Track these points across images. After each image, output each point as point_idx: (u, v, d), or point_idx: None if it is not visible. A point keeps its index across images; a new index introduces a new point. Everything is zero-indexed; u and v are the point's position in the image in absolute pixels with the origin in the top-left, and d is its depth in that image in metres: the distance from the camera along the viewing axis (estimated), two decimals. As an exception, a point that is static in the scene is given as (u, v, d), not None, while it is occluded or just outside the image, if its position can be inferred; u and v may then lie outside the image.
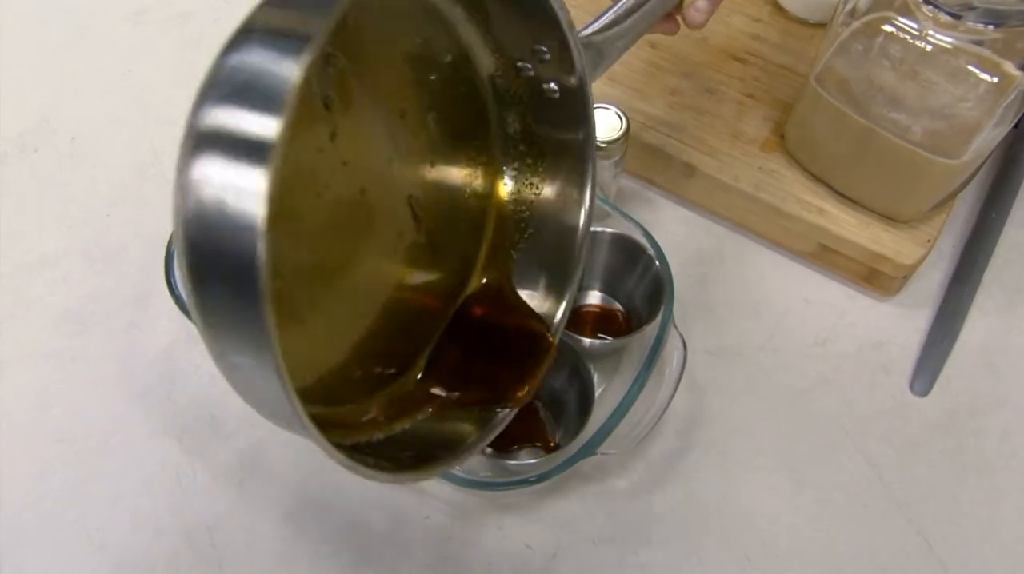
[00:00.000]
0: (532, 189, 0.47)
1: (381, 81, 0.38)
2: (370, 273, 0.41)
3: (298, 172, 0.34)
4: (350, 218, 0.39)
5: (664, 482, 0.53)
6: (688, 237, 0.63)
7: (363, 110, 0.37)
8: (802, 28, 0.68)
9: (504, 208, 0.47)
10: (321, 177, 0.36)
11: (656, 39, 0.67)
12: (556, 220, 0.46)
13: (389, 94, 0.39)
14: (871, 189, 0.57)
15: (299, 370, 0.28)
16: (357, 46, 0.36)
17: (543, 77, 0.42)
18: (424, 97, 0.41)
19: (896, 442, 0.54)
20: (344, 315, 0.40)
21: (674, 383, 0.51)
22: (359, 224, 0.39)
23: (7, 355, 0.57)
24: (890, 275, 0.58)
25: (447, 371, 0.43)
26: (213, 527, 0.51)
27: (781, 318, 0.60)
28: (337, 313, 0.39)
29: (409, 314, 0.44)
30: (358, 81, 0.36)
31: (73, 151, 0.68)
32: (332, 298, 0.39)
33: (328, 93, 0.35)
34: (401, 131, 0.40)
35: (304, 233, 0.36)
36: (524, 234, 0.47)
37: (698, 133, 0.62)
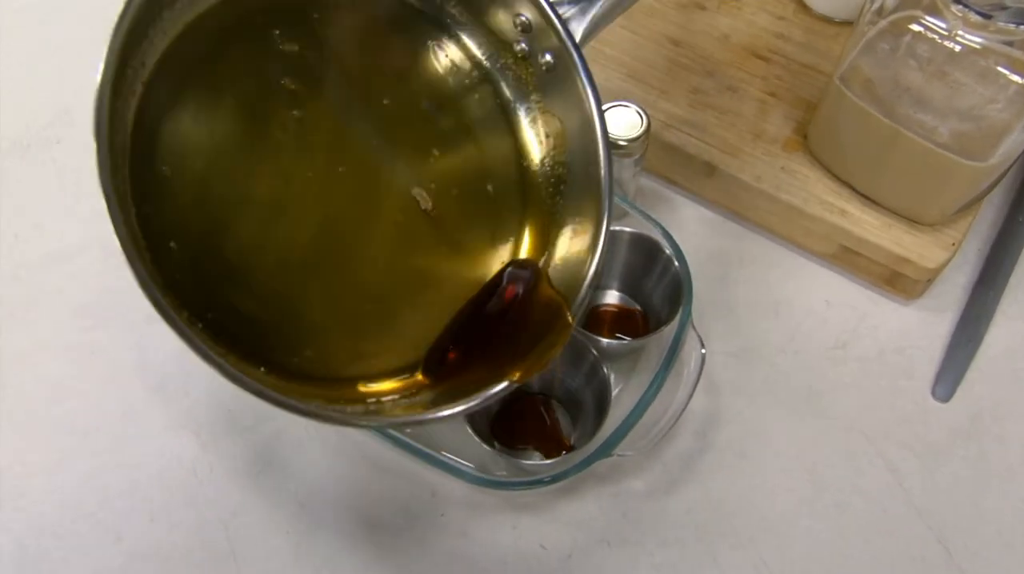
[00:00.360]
0: (557, 166, 0.46)
1: (358, 72, 0.41)
2: (378, 258, 0.42)
3: (252, 140, 0.39)
4: (336, 200, 0.41)
5: (680, 483, 0.53)
6: (708, 237, 0.63)
7: (337, 98, 0.40)
8: (827, 26, 0.67)
9: (534, 186, 0.46)
10: (284, 150, 0.39)
11: (680, 37, 0.66)
12: (582, 188, 0.45)
13: (372, 85, 0.42)
14: (895, 191, 0.56)
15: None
16: (326, 40, 0.40)
17: (536, 50, 0.43)
18: (416, 87, 0.43)
19: (917, 447, 0.54)
20: (355, 297, 0.41)
21: (692, 385, 0.50)
22: (348, 208, 0.41)
23: (25, 347, 0.57)
24: (913, 278, 0.57)
25: (463, 344, 0.43)
26: (228, 520, 0.51)
27: (801, 320, 0.59)
28: (344, 294, 0.41)
29: (430, 296, 0.44)
30: (328, 70, 0.40)
31: (93, 143, 0.68)
32: (330, 282, 0.40)
33: (284, 79, 0.39)
34: (391, 120, 0.42)
35: (269, 203, 0.39)
36: (555, 201, 0.46)
37: (719, 132, 0.61)
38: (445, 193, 0.44)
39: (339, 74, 0.41)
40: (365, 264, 0.42)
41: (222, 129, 0.38)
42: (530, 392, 0.54)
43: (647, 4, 0.68)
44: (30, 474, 0.53)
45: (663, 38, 0.66)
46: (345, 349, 0.41)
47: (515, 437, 0.53)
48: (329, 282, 0.41)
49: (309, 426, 0.54)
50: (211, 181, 0.38)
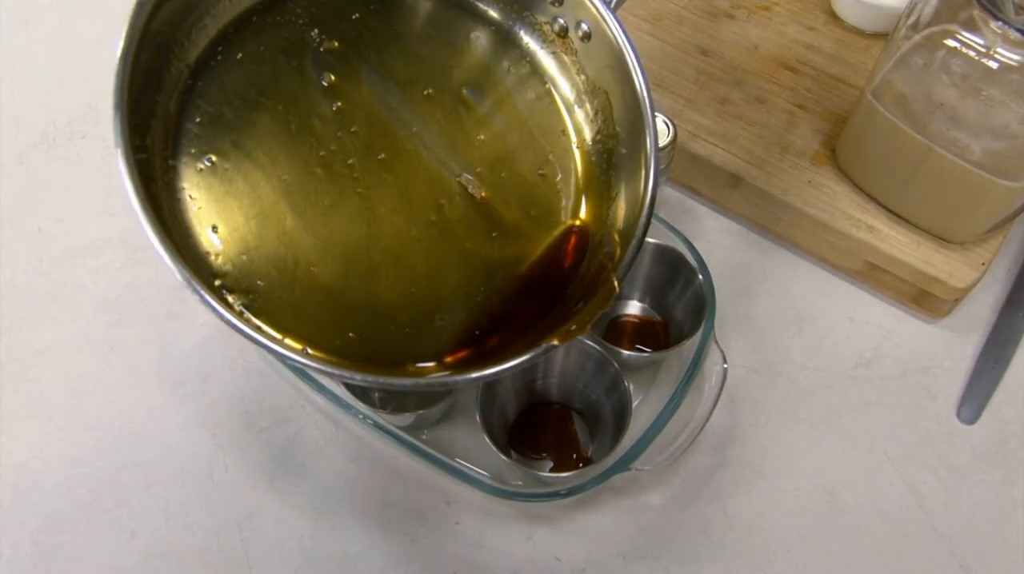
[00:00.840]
0: (608, 140, 0.45)
1: (398, 65, 0.43)
2: (425, 241, 0.42)
3: (293, 134, 0.40)
4: (379, 186, 0.42)
5: (698, 499, 0.52)
6: (731, 249, 0.62)
7: (376, 91, 0.42)
8: (857, 38, 0.66)
9: (589, 165, 0.46)
10: (324, 140, 0.41)
11: (708, 46, 0.66)
12: (632, 158, 0.44)
13: (412, 76, 0.43)
14: (925, 208, 0.55)
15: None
16: (364, 36, 0.42)
17: (571, 21, 0.44)
18: (457, 75, 0.44)
19: (940, 470, 0.53)
20: (400, 280, 0.42)
21: (713, 400, 0.50)
22: (392, 193, 0.42)
23: (47, 341, 0.58)
24: (940, 298, 0.56)
25: (507, 322, 0.43)
26: (243, 522, 0.51)
27: (824, 336, 0.58)
28: (388, 277, 0.42)
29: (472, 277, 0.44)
30: (367, 66, 0.42)
31: (118, 139, 0.68)
32: (375, 266, 0.41)
33: (322, 72, 0.41)
34: (432, 109, 0.43)
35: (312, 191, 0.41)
36: (609, 176, 0.45)
37: (746, 144, 0.61)
38: (495, 178, 0.44)
39: (378, 68, 0.43)
40: (411, 247, 0.42)
41: (264, 124, 0.40)
42: (549, 402, 0.54)
43: (675, 11, 0.68)
44: (48, 469, 0.53)
45: (691, 47, 0.66)
46: (388, 331, 0.41)
47: (533, 446, 0.52)
48: (374, 266, 0.41)
49: (326, 429, 0.54)
50: (253, 173, 0.40)
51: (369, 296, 0.41)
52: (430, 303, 0.42)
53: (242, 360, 0.57)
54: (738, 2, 0.69)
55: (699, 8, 0.68)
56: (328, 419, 0.55)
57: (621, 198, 0.45)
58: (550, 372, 0.52)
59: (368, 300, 0.41)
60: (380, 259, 0.42)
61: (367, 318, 0.41)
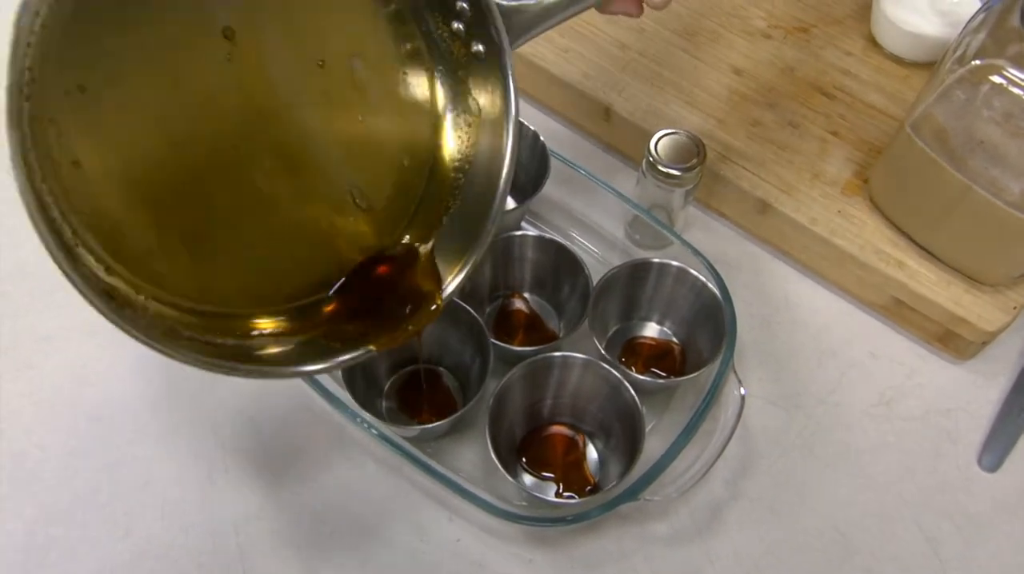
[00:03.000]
0: (467, 152, 0.46)
1: (296, 26, 0.41)
2: (281, 204, 0.43)
3: (182, 73, 0.38)
4: (249, 145, 0.41)
5: (707, 532, 0.51)
6: (753, 274, 0.61)
7: (271, 47, 0.41)
8: (896, 67, 0.65)
9: (442, 172, 0.47)
10: (212, 89, 0.40)
11: (743, 65, 0.64)
12: (481, 190, 0.46)
13: (306, 41, 0.42)
14: (958, 247, 0.54)
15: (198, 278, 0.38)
16: None
17: (470, 35, 0.43)
18: (351, 46, 0.43)
19: (958, 518, 0.51)
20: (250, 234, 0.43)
21: (728, 433, 0.48)
22: (263, 157, 0.42)
23: (54, 329, 0.57)
24: (968, 339, 0.54)
25: (343, 304, 0.45)
26: (239, 525, 0.50)
27: (845, 371, 0.57)
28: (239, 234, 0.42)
29: (321, 251, 0.45)
30: (268, 19, 0.40)
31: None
32: (226, 215, 0.41)
33: (227, 24, 0.39)
34: (320, 79, 0.43)
35: (189, 139, 0.39)
36: (455, 200, 0.47)
37: (776, 169, 0.59)
38: (361, 152, 0.45)
39: (279, 26, 0.41)
40: (265, 205, 0.43)
41: (151, 57, 0.37)
42: (560, 421, 0.53)
43: (711, 28, 0.66)
44: (47, 459, 0.52)
45: (725, 65, 0.64)
46: (235, 282, 0.42)
47: (540, 466, 0.51)
48: (225, 215, 0.42)
49: (330, 436, 0.53)
50: (128, 100, 0.37)
51: (217, 243, 0.42)
52: (277, 262, 0.43)
53: (249, 359, 0.56)
54: (775, 22, 0.67)
55: (735, 26, 0.67)
56: (332, 426, 0.53)
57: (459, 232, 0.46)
58: (563, 392, 0.51)
59: (217, 247, 0.42)
60: (236, 214, 0.42)
61: (215, 266, 0.41)
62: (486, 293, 0.57)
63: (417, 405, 0.53)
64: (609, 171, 0.65)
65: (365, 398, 0.49)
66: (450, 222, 0.47)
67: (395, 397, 0.54)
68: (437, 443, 0.53)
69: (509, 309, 0.57)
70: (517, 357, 0.50)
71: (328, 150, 0.44)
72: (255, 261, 0.43)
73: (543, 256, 0.55)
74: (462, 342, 0.52)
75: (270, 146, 0.42)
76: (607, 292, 0.53)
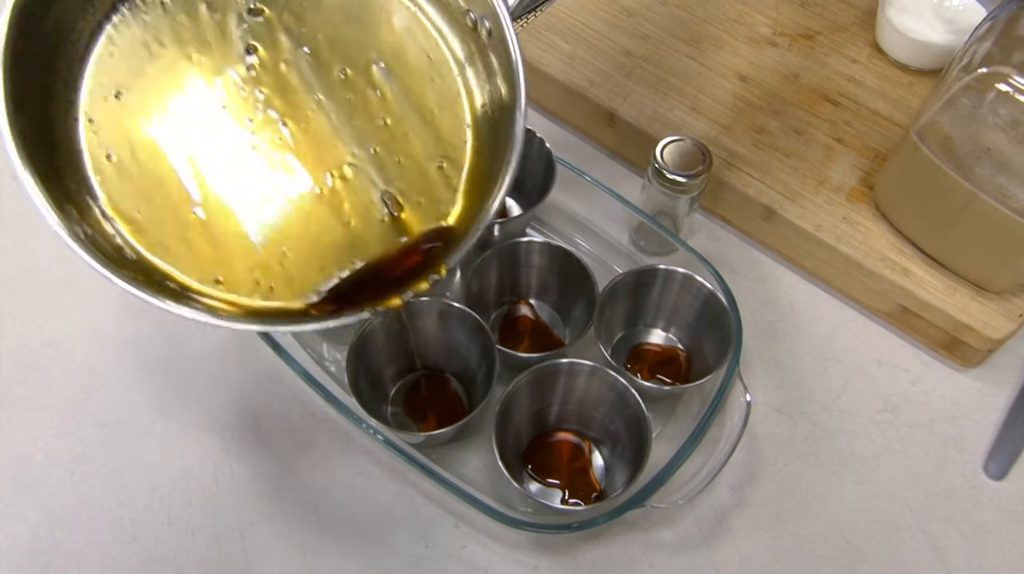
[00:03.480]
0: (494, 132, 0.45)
1: (317, 34, 0.44)
2: (305, 204, 0.44)
3: (201, 79, 0.42)
4: (271, 146, 0.43)
5: (712, 539, 0.51)
6: (758, 281, 0.61)
7: (291, 54, 0.43)
8: (901, 74, 0.65)
9: (477, 165, 0.46)
10: (231, 93, 0.43)
11: (748, 72, 0.64)
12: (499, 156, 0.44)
13: (327, 47, 0.44)
14: (964, 255, 0.54)
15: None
16: (293, 7, 0.44)
17: (478, 17, 0.44)
18: (371, 51, 0.44)
19: (964, 526, 0.51)
20: (272, 235, 0.43)
21: (734, 440, 0.48)
22: (283, 158, 0.43)
23: (60, 332, 0.57)
24: (973, 347, 0.54)
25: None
26: (245, 530, 0.50)
27: (850, 378, 0.57)
28: (260, 229, 0.43)
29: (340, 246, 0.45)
30: (286, 28, 0.43)
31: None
32: (249, 218, 0.43)
33: (244, 31, 0.43)
34: (344, 86, 0.44)
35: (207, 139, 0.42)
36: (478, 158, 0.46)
37: (782, 176, 0.59)
38: (392, 163, 0.45)
39: (298, 36, 0.44)
40: (291, 208, 0.44)
41: (176, 68, 0.42)
42: (566, 428, 0.53)
43: (716, 35, 0.67)
44: (53, 463, 0.52)
45: (731, 72, 0.64)
46: (251, 279, 0.43)
47: (545, 472, 0.51)
48: (254, 218, 0.43)
49: (335, 441, 0.53)
50: (155, 112, 0.42)
51: (242, 245, 0.43)
52: (298, 264, 0.43)
53: (256, 366, 0.56)
54: (780, 29, 0.67)
55: (740, 33, 0.67)
56: (338, 431, 0.54)
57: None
58: (569, 398, 0.51)
59: (240, 249, 0.43)
60: (261, 213, 0.43)
61: (234, 265, 0.42)
62: (492, 299, 0.57)
63: (423, 411, 0.54)
64: (614, 177, 0.65)
65: (371, 403, 0.49)
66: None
67: (400, 403, 0.54)
68: (443, 449, 0.53)
69: (515, 315, 0.57)
70: (523, 363, 0.50)
71: (349, 153, 0.45)
72: (275, 255, 0.43)
73: (549, 262, 0.55)
74: (468, 348, 0.52)
75: (292, 150, 0.44)
76: (613, 299, 0.53)
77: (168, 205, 0.42)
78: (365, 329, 0.50)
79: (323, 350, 0.56)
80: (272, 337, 0.52)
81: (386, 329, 0.51)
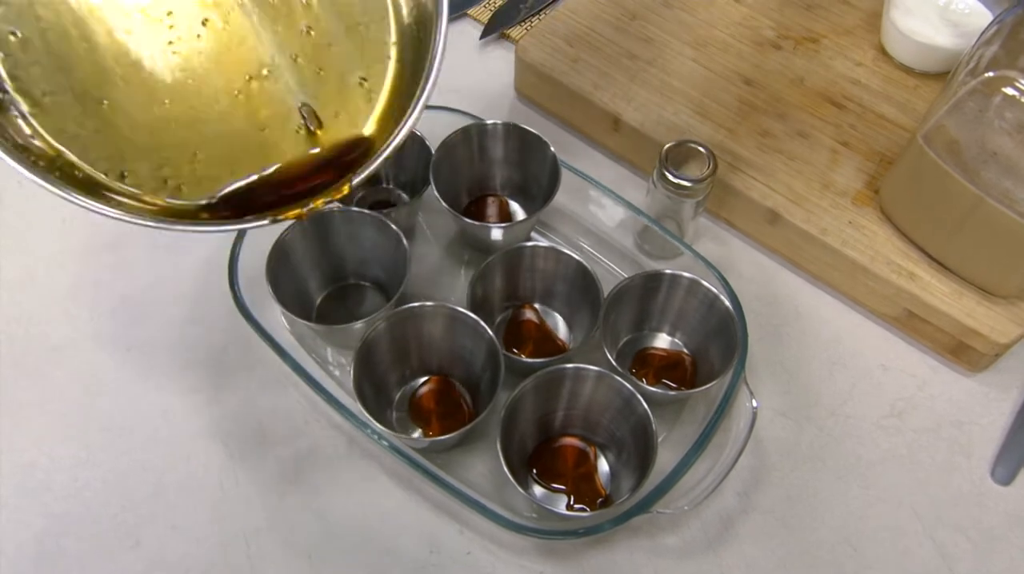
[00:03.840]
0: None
1: None
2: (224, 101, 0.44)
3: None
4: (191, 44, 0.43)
5: (718, 545, 0.50)
6: (763, 284, 0.61)
7: None
8: (906, 77, 0.65)
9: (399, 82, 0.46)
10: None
11: (752, 76, 0.64)
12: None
13: None
14: (971, 259, 0.54)
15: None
16: None
17: None
18: None
19: (971, 533, 0.51)
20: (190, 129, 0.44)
21: (740, 446, 0.48)
22: (202, 58, 0.44)
23: (64, 338, 0.57)
24: (980, 351, 0.54)
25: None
26: (250, 537, 0.50)
27: (856, 383, 0.56)
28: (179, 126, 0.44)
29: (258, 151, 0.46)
30: None
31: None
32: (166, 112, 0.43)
33: None
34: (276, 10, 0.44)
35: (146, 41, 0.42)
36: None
37: (786, 179, 0.59)
38: (315, 74, 0.45)
39: None
40: (207, 109, 0.44)
41: None
42: (571, 433, 0.52)
43: (721, 39, 0.66)
44: (57, 469, 0.52)
45: (735, 75, 0.64)
46: (159, 177, 0.43)
47: (551, 476, 0.51)
48: (167, 114, 0.43)
49: (339, 446, 0.53)
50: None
51: (151, 140, 0.43)
52: (208, 166, 0.44)
53: (260, 370, 0.56)
54: (785, 32, 0.67)
55: (745, 37, 0.67)
56: (343, 435, 0.53)
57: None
58: (575, 404, 0.51)
59: (148, 144, 0.43)
60: (172, 109, 0.43)
61: (141, 159, 0.43)
62: (496, 303, 0.57)
63: (427, 415, 0.53)
64: (619, 181, 0.65)
65: (375, 409, 0.49)
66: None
67: (405, 407, 0.54)
68: (447, 454, 0.52)
69: (519, 319, 0.57)
70: (529, 369, 0.50)
71: (272, 58, 0.45)
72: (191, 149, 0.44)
73: (554, 267, 0.55)
74: (472, 353, 0.52)
75: (212, 51, 0.44)
76: (619, 303, 0.53)
77: (76, 90, 0.41)
78: (370, 335, 0.50)
79: (327, 354, 0.55)
80: (276, 341, 0.52)
81: (390, 334, 0.51)
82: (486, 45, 0.74)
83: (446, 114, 0.59)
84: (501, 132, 0.59)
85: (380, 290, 0.58)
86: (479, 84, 0.71)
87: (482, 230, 0.58)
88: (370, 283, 0.58)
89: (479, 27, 0.74)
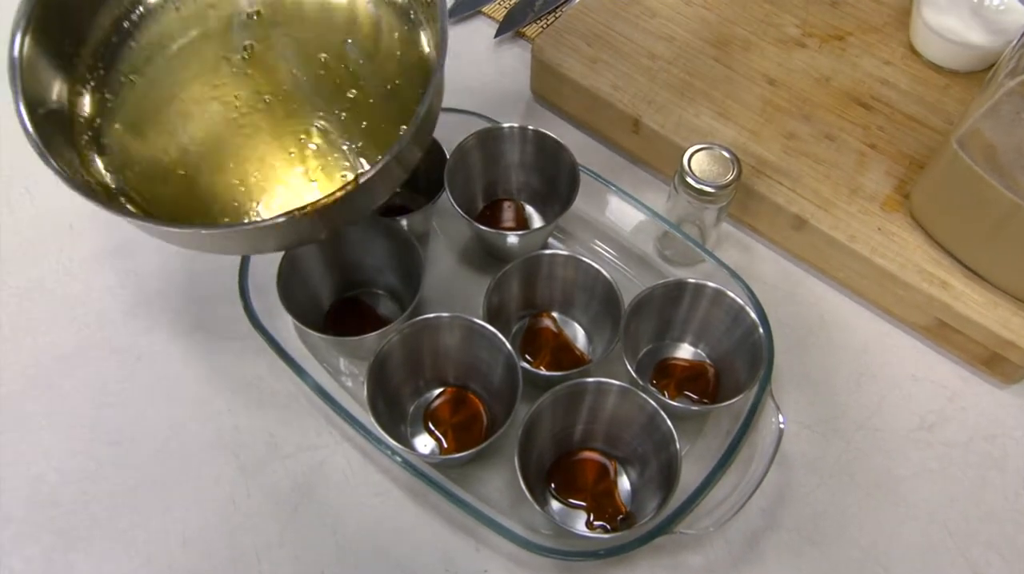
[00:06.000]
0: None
1: (302, 27, 0.53)
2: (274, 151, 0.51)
3: (200, 61, 0.52)
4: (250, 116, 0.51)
5: (743, 564, 0.49)
6: (788, 292, 0.59)
7: (279, 44, 0.53)
8: (936, 76, 0.62)
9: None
10: (221, 74, 0.52)
11: (776, 75, 0.62)
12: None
13: (307, 36, 0.53)
14: (1006, 268, 0.52)
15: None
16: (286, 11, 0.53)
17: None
18: (341, 33, 0.53)
19: (1005, 551, 0.49)
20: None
21: (765, 465, 0.47)
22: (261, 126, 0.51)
23: (73, 347, 0.56)
24: (1016, 363, 0.52)
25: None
26: (262, 553, 0.49)
27: (885, 394, 0.55)
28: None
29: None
30: (276, 24, 0.53)
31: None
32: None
33: (246, 41, 0.52)
34: (322, 69, 0.52)
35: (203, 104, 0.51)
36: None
37: (813, 184, 0.57)
38: (357, 128, 0.51)
39: (285, 28, 0.53)
40: (269, 168, 0.51)
41: (181, 55, 0.52)
42: (592, 448, 0.51)
43: (743, 37, 0.64)
44: (65, 483, 0.51)
45: (759, 75, 0.62)
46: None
47: (569, 492, 0.50)
48: (229, 170, 0.50)
49: (353, 460, 0.52)
50: (160, 89, 0.51)
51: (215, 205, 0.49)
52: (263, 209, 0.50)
53: (271, 381, 0.54)
54: (810, 30, 0.65)
55: (768, 35, 0.65)
56: (356, 449, 0.52)
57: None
58: (595, 418, 0.49)
59: (211, 197, 0.50)
60: (237, 172, 0.50)
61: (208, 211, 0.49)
62: (513, 311, 0.55)
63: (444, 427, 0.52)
64: (639, 185, 0.63)
65: (389, 422, 0.48)
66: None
67: (420, 420, 0.52)
68: (463, 469, 0.51)
69: (537, 327, 0.56)
70: (547, 382, 0.48)
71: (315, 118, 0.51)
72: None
73: (573, 275, 0.54)
74: (490, 366, 0.51)
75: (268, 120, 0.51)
76: (640, 312, 0.51)
77: (158, 173, 0.49)
78: (384, 348, 0.48)
79: (340, 364, 0.54)
80: (288, 352, 0.50)
81: (405, 347, 0.50)
82: (501, 43, 0.72)
83: (461, 117, 0.58)
84: (518, 136, 0.57)
85: (393, 297, 0.57)
86: (494, 83, 0.69)
87: (498, 237, 0.57)
88: (383, 291, 0.57)
89: (494, 25, 0.72)
